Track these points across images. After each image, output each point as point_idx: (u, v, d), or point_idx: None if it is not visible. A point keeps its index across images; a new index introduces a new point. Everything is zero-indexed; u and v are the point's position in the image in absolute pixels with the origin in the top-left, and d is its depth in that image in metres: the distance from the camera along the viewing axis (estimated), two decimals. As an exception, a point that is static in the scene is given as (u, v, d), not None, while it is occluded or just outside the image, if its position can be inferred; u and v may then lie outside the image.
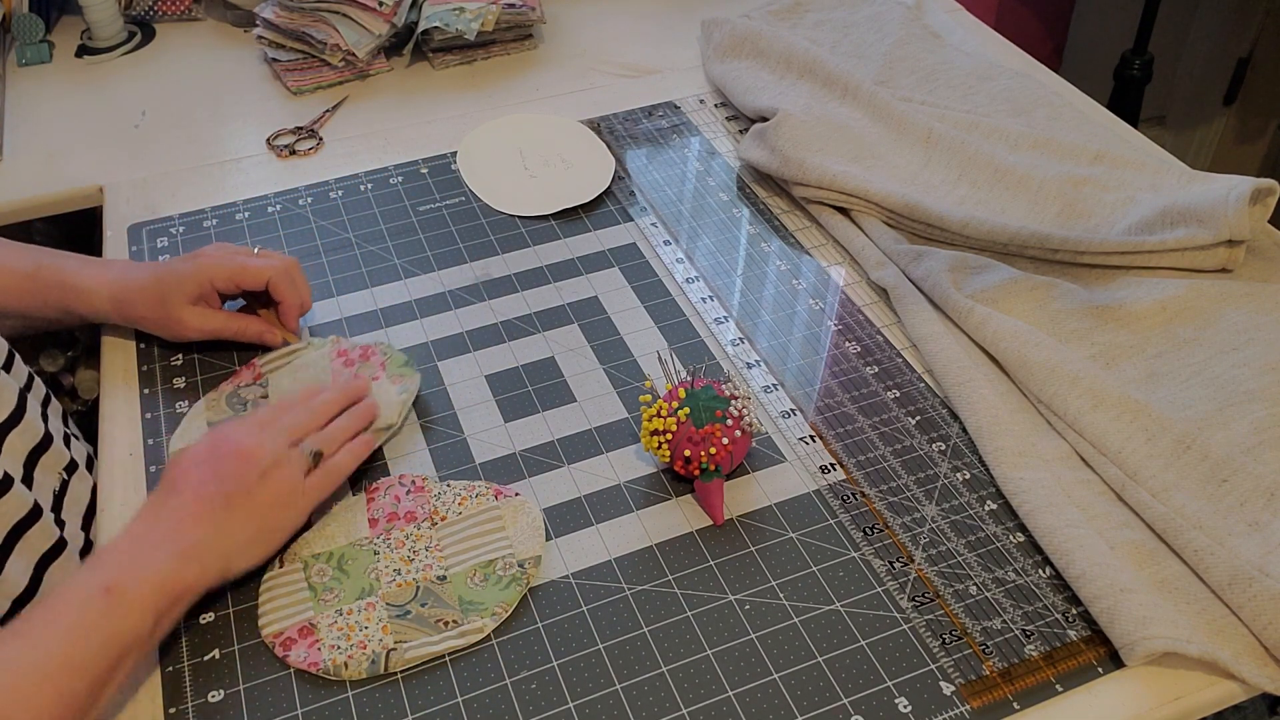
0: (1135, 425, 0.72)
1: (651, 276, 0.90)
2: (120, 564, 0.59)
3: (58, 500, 0.75)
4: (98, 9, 1.17)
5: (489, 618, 0.64)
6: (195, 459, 0.65)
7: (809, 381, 0.80)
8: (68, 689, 0.54)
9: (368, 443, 0.73)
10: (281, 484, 0.66)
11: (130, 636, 0.57)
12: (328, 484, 0.69)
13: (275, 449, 0.67)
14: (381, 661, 0.62)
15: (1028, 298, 0.83)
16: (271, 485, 0.65)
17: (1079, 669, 0.62)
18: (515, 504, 0.71)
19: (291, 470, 0.67)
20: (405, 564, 0.67)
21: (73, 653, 0.55)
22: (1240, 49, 1.98)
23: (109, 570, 0.59)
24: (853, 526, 0.70)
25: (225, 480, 0.64)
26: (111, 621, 0.57)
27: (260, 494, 0.65)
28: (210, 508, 0.63)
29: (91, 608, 0.57)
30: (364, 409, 0.74)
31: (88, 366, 1.13)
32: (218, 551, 0.63)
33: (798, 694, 0.61)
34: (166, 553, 0.60)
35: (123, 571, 0.59)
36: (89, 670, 0.55)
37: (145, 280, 0.79)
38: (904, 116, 0.99)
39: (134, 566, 0.59)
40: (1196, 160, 2.11)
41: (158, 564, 0.60)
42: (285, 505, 0.66)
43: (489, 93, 1.14)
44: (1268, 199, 0.83)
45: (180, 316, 0.79)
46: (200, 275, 0.79)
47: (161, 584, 0.59)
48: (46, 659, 0.54)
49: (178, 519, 0.62)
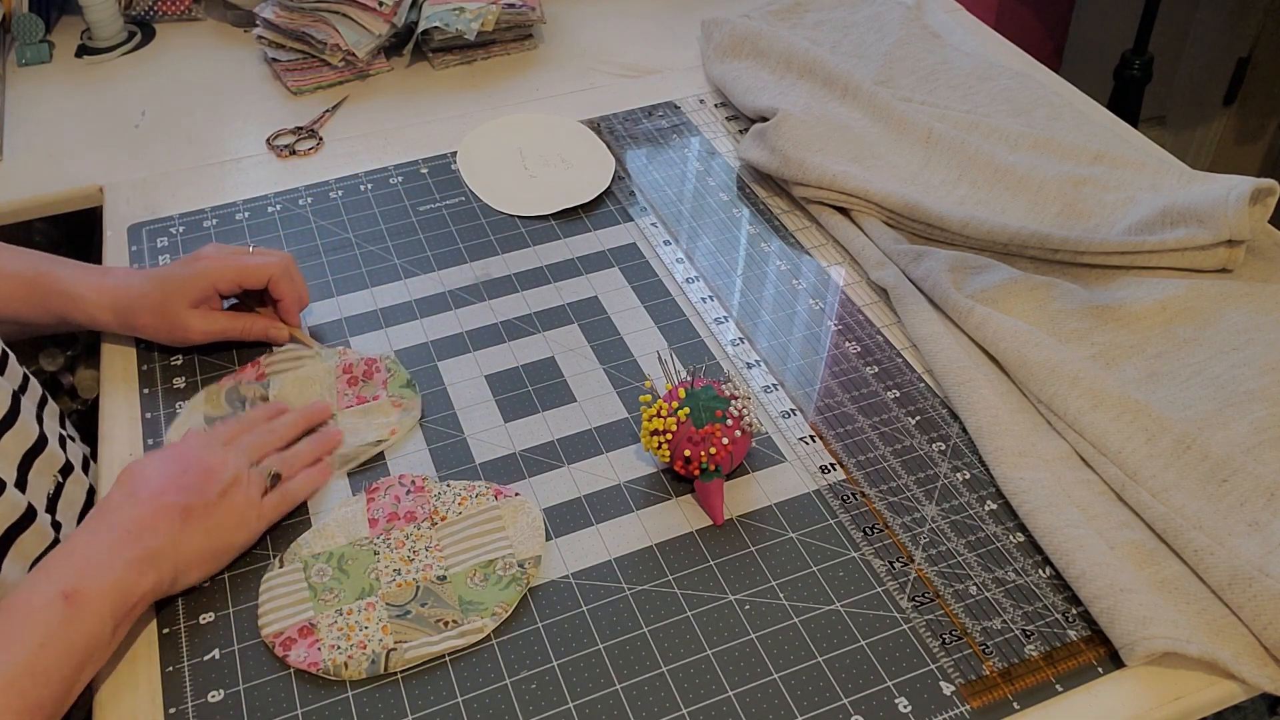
0: (1135, 425, 0.72)
1: (651, 276, 0.90)
2: (77, 569, 0.59)
3: (52, 503, 0.74)
4: (98, 9, 1.17)
5: (489, 618, 0.64)
6: (155, 467, 0.66)
7: (809, 381, 0.80)
8: (33, 697, 0.54)
9: (325, 471, 0.73)
10: (238, 502, 0.66)
11: (91, 643, 0.58)
12: (282, 507, 0.70)
13: (237, 467, 0.67)
14: (381, 661, 0.62)
15: (1028, 298, 0.83)
16: (229, 503, 0.66)
17: (1079, 669, 0.62)
18: (515, 504, 0.71)
19: (249, 490, 0.67)
20: (405, 564, 0.67)
21: (35, 661, 0.55)
22: (1240, 49, 1.98)
23: (66, 576, 0.59)
24: (853, 526, 0.70)
25: (185, 492, 0.64)
26: (72, 628, 0.57)
27: (218, 510, 0.65)
28: (168, 517, 0.63)
29: (52, 615, 0.57)
30: (326, 436, 0.75)
31: (87, 366, 1.13)
32: (172, 561, 0.63)
33: (798, 694, 0.61)
34: (124, 559, 0.60)
35: (81, 577, 0.58)
36: (52, 678, 0.55)
37: (146, 287, 0.79)
38: (904, 116, 0.99)
39: (92, 572, 0.59)
40: (1196, 160, 2.11)
41: (116, 570, 0.60)
42: (240, 525, 0.66)
43: (489, 93, 1.14)
44: (1268, 199, 0.83)
45: (184, 321, 0.79)
46: (202, 279, 0.78)
47: (119, 590, 0.59)
48: (9, 668, 0.54)
49: (135, 525, 0.62)
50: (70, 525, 0.75)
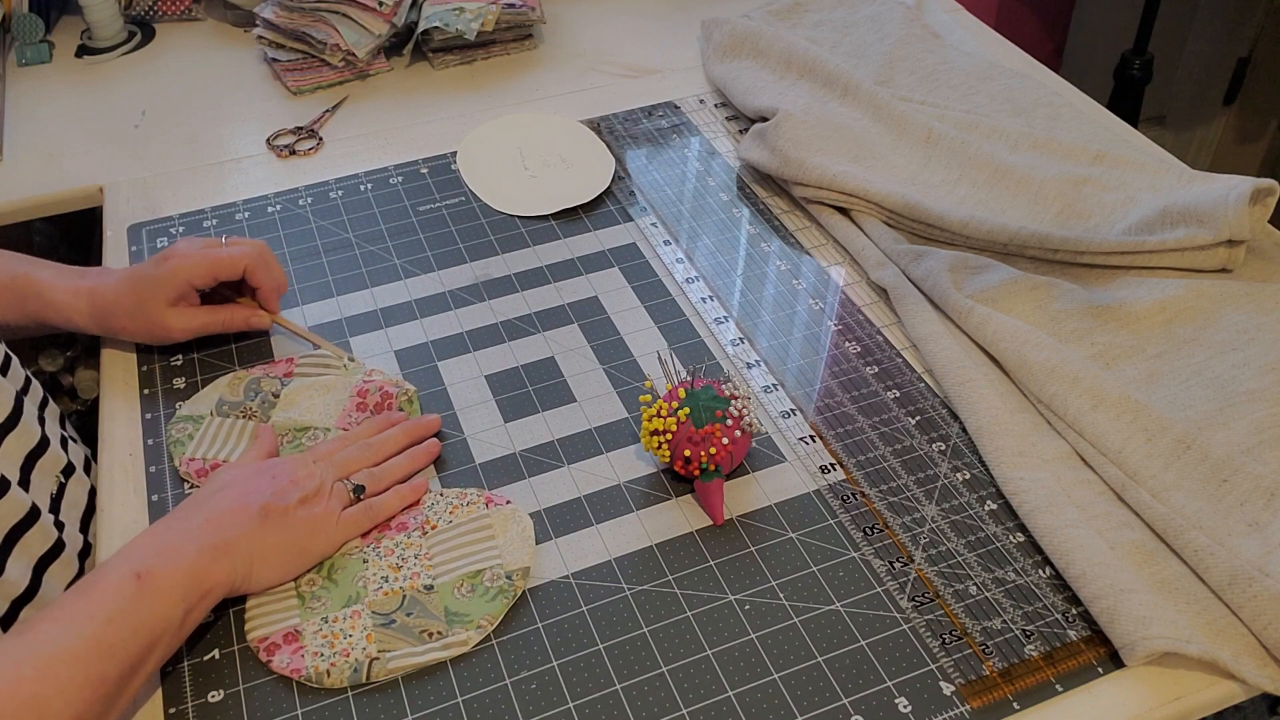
0: (1135, 425, 0.72)
1: (651, 276, 0.90)
2: (152, 552, 0.60)
3: (55, 502, 0.75)
4: (98, 9, 1.17)
5: (474, 630, 0.64)
6: (242, 472, 0.67)
7: (809, 381, 0.80)
8: (98, 673, 0.54)
9: (418, 488, 0.72)
10: (317, 511, 0.67)
11: (160, 624, 0.58)
12: (365, 521, 0.69)
13: (322, 479, 0.68)
14: (364, 670, 0.62)
15: (1028, 298, 0.83)
16: (308, 510, 0.66)
17: (1079, 669, 0.62)
18: (506, 513, 0.70)
19: (331, 501, 0.68)
20: (393, 571, 0.67)
21: (104, 637, 0.55)
22: (1240, 49, 1.98)
23: (141, 558, 0.59)
24: (853, 526, 0.70)
25: (264, 493, 0.65)
26: (142, 608, 0.57)
27: (296, 514, 0.66)
28: (246, 514, 0.64)
29: (123, 594, 0.57)
30: (424, 450, 0.74)
31: (87, 366, 1.13)
32: (246, 555, 0.63)
33: (798, 694, 0.61)
34: (197, 546, 0.61)
35: (154, 559, 0.59)
36: (119, 655, 0.55)
37: (120, 290, 0.78)
38: (904, 116, 0.99)
39: (165, 556, 0.60)
40: (1196, 160, 2.11)
41: (190, 556, 0.60)
42: (317, 531, 0.67)
43: (489, 93, 1.14)
44: (1268, 199, 0.83)
45: (163, 321, 0.78)
46: (176, 277, 0.78)
47: (191, 574, 0.60)
48: (78, 642, 0.54)
49: (213, 516, 0.63)
50: (73, 525, 0.75)
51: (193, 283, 0.79)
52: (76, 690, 0.53)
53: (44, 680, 0.53)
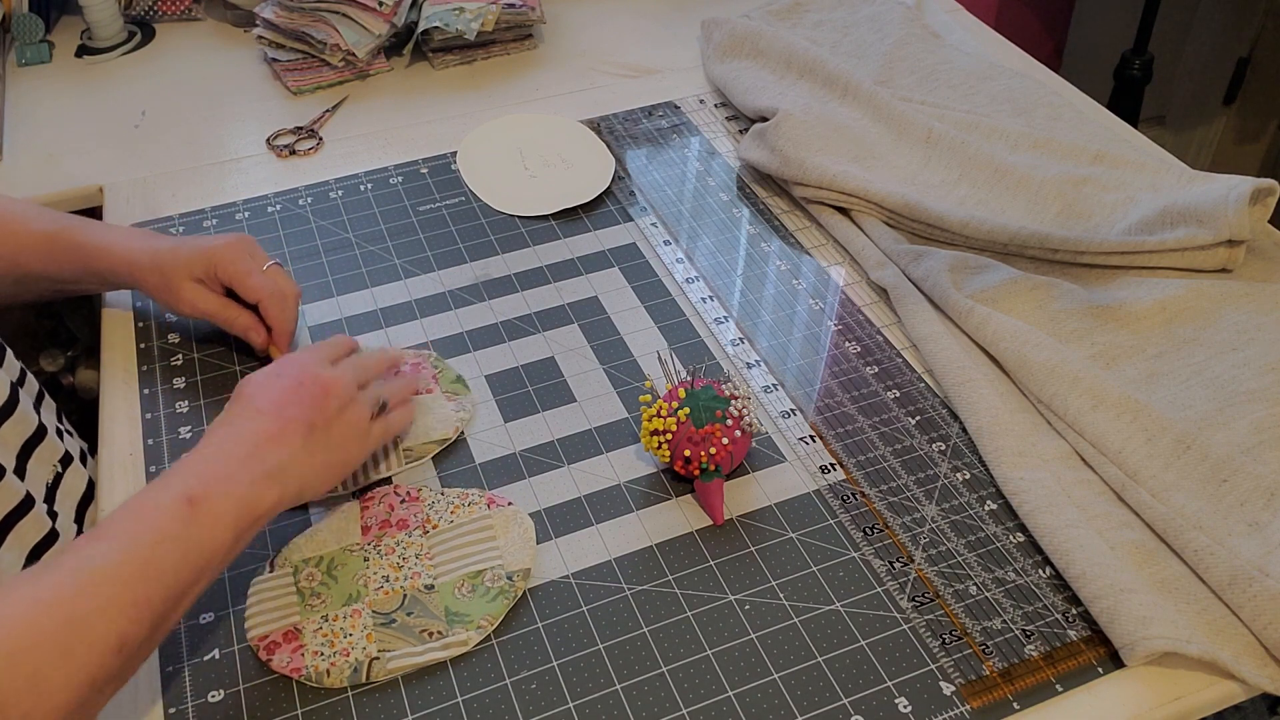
0: (1135, 425, 0.72)
1: (651, 276, 0.90)
2: (203, 476, 0.59)
3: (50, 492, 0.75)
4: (98, 9, 1.17)
5: (474, 630, 0.64)
6: (273, 381, 0.66)
7: (809, 381, 0.80)
8: (143, 594, 0.53)
9: (411, 409, 0.74)
10: (355, 420, 0.67)
11: (209, 550, 0.57)
12: (385, 435, 0.70)
13: (348, 386, 0.67)
14: (363, 670, 0.62)
15: (1028, 298, 0.83)
16: (346, 419, 0.66)
17: (1079, 669, 0.62)
18: (507, 514, 0.70)
19: (363, 410, 0.68)
20: (394, 570, 0.67)
21: (152, 558, 0.54)
22: (1240, 49, 1.98)
23: (191, 481, 0.58)
24: (853, 526, 0.70)
25: (306, 407, 0.64)
26: (192, 532, 0.56)
27: (338, 425, 0.66)
28: (293, 431, 0.63)
29: (174, 517, 0.56)
30: (412, 376, 0.77)
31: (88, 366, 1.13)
32: (296, 476, 0.63)
33: (798, 694, 0.61)
34: (251, 472, 0.60)
35: (206, 484, 0.58)
36: (167, 578, 0.54)
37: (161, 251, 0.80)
38: (904, 116, 0.99)
39: (218, 482, 0.59)
40: (1196, 160, 2.11)
41: (242, 485, 0.59)
42: (356, 440, 0.67)
43: (489, 93, 1.14)
44: (1268, 199, 0.83)
45: (179, 291, 0.79)
46: (207, 262, 0.79)
47: (244, 503, 0.59)
48: (125, 562, 0.53)
49: (260, 439, 0.62)
50: (68, 515, 0.76)
51: (218, 275, 0.79)
52: (120, 610, 0.52)
53: (88, 597, 0.51)
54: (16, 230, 0.79)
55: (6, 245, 0.79)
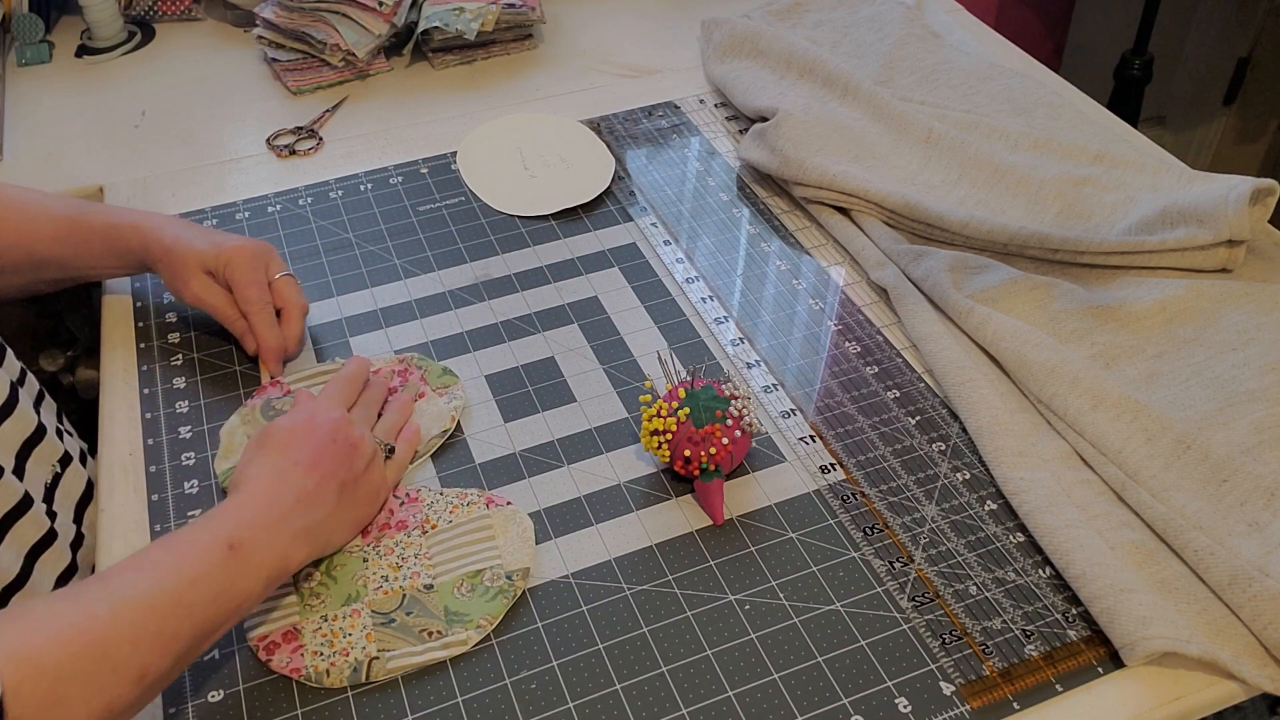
0: (1135, 425, 0.72)
1: (651, 276, 0.90)
2: (247, 524, 0.60)
3: (49, 492, 0.75)
4: (98, 9, 1.17)
5: (473, 629, 0.64)
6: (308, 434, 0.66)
7: (809, 381, 0.80)
8: (172, 628, 0.54)
9: (416, 432, 0.75)
10: (377, 478, 0.69)
11: (241, 595, 0.58)
12: (395, 476, 0.72)
13: (366, 438, 0.69)
14: (363, 670, 0.62)
15: (1028, 298, 0.83)
16: (370, 477, 0.68)
17: (1079, 669, 0.62)
18: (506, 513, 0.70)
19: (379, 465, 0.70)
20: (393, 571, 0.67)
21: (185, 595, 0.55)
22: (1240, 49, 1.98)
23: (237, 529, 0.59)
24: (853, 526, 0.70)
25: (340, 465, 0.66)
26: (228, 576, 0.57)
27: (364, 483, 0.68)
28: (329, 490, 0.65)
29: (213, 558, 0.57)
30: (403, 403, 0.77)
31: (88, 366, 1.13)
32: (325, 534, 0.65)
33: (798, 694, 0.61)
34: (291, 528, 0.62)
35: (252, 533, 0.59)
36: (197, 615, 0.55)
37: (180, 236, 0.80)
38: (904, 116, 0.99)
39: (262, 533, 0.60)
40: (1196, 160, 2.11)
41: (284, 540, 0.61)
42: (376, 498, 0.69)
43: (489, 93, 1.14)
44: (1268, 199, 0.83)
45: (186, 279, 0.80)
46: (219, 259, 0.80)
47: (281, 555, 0.61)
48: (158, 593, 0.54)
49: (302, 495, 0.63)
50: (67, 514, 0.76)
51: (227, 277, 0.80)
52: (148, 641, 0.53)
53: (118, 624, 0.52)
54: (34, 215, 0.80)
55: (23, 232, 0.80)
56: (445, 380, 0.80)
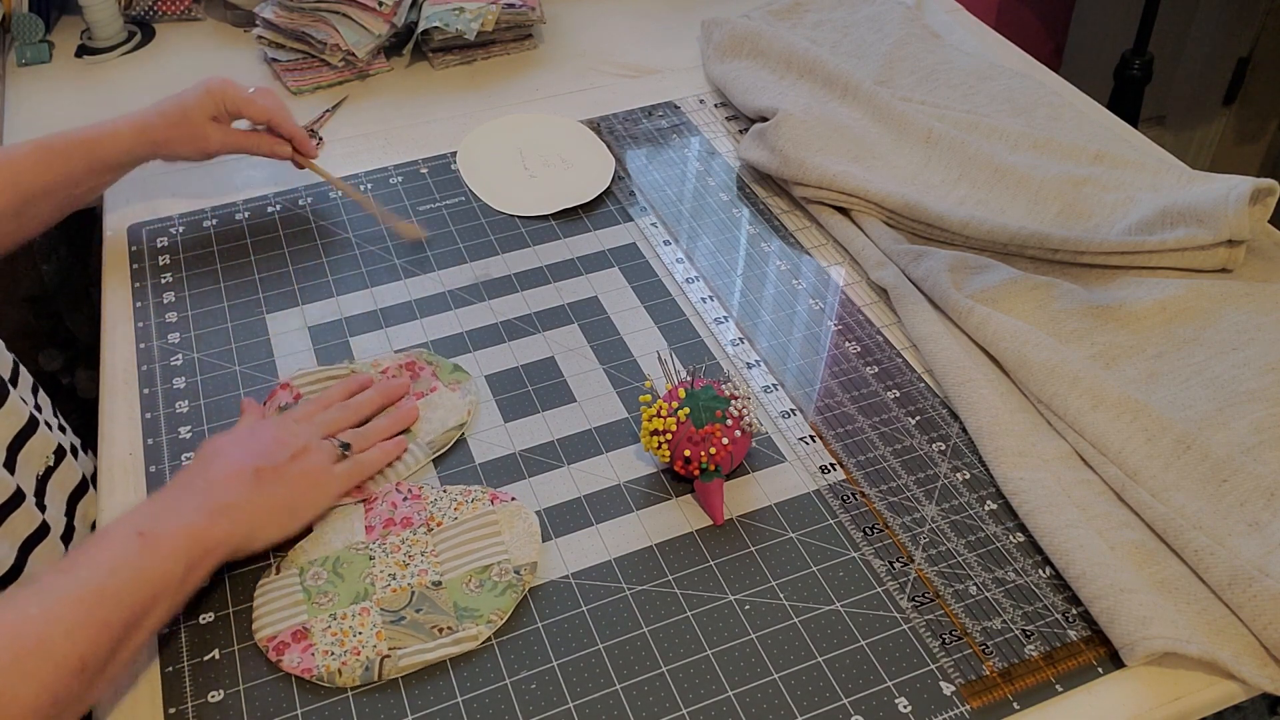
0: (1135, 425, 0.72)
1: (651, 276, 0.90)
2: (153, 514, 0.63)
3: (41, 484, 0.75)
4: (98, 9, 1.17)
5: (484, 624, 0.64)
6: (228, 439, 0.69)
7: (809, 381, 0.80)
8: (101, 617, 0.56)
9: (400, 444, 0.75)
10: (309, 466, 0.69)
11: (162, 578, 0.60)
12: (355, 475, 0.72)
13: (307, 437, 0.71)
14: (375, 669, 0.62)
15: (1028, 298, 0.83)
16: (300, 465, 0.69)
17: (1079, 669, 0.62)
18: (511, 509, 0.70)
19: (320, 456, 0.70)
20: (400, 569, 0.67)
21: (108, 584, 0.57)
22: (1240, 49, 1.98)
23: (142, 520, 0.62)
24: (853, 526, 0.70)
25: (256, 456, 0.67)
26: (144, 560, 0.59)
27: (289, 471, 0.68)
28: (240, 477, 0.66)
29: (127, 549, 0.60)
30: (404, 412, 0.77)
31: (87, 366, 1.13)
32: (246, 513, 0.65)
33: (798, 694, 0.61)
34: (196, 507, 0.63)
35: (156, 520, 0.62)
36: (124, 601, 0.57)
37: (164, 106, 0.87)
38: (904, 116, 0.99)
39: (166, 516, 0.62)
40: (1196, 160, 2.11)
41: (189, 515, 0.63)
42: (312, 485, 0.69)
43: (489, 93, 1.14)
44: (1268, 199, 0.83)
45: (204, 131, 0.88)
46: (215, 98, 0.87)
47: (192, 533, 0.62)
48: (83, 587, 0.57)
49: (215, 478, 0.66)
50: (59, 507, 0.76)
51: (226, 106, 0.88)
52: (81, 630, 0.55)
53: (50, 621, 0.55)
54: (8, 151, 0.83)
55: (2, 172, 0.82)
56: (457, 377, 0.80)
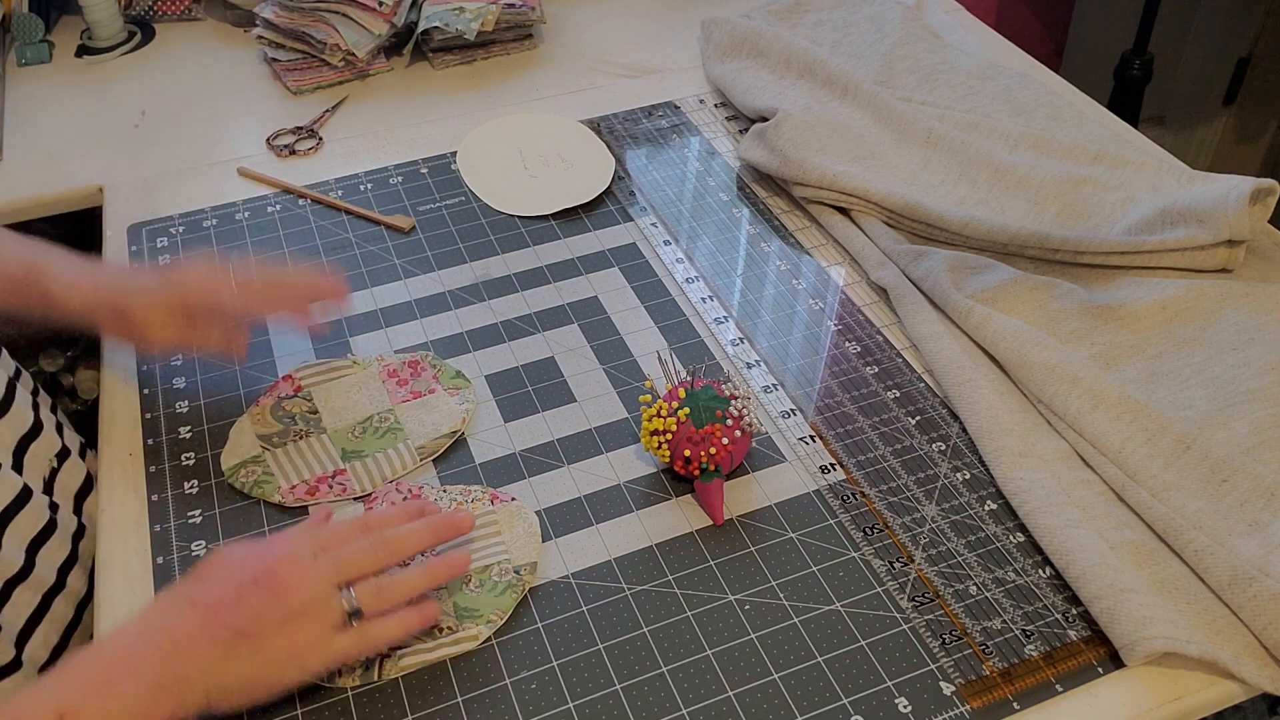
0: (1135, 425, 0.72)
1: (651, 276, 0.90)
2: (85, 686, 0.52)
3: (48, 485, 0.75)
4: (98, 9, 1.17)
5: (484, 624, 0.64)
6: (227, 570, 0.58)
7: (809, 381, 0.80)
8: None
9: (427, 618, 0.62)
10: (299, 637, 0.57)
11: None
12: (355, 651, 0.59)
13: (315, 589, 0.57)
14: (375, 668, 0.62)
15: (1028, 298, 0.83)
16: (288, 635, 0.56)
17: (1079, 669, 0.62)
18: (511, 509, 0.70)
19: (318, 624, 0.57)
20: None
21: None
22: (1240, 49, 1.98)
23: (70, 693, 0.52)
24: (853, 526, 0.70)
25: (243, 613, 0.56)
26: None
27: (274, 640, 0.56)
28: (211, 639, 0.55)
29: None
30: (446, 564, 0.63)
31: (88, 366, 1.13)
32: (202, 689, 0.55)
33: (798, 694, 0.61)
34: (141, 684, 0.53)
35: (85, 697, 0.51)
36: None
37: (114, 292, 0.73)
38: (904, 116, 0.99)
39: (99, 693, 0.52)
40: (1196, 160, 2.11)
41: (127, 695, 0.52)
42: (293, 664, 0.57)
43: (489, 93, 1.14)
44: (1268, 199, 0.83)
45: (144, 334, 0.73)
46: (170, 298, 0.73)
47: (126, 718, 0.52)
48: None
49: (177, 637, 0.55)
50: (67, 506, 0.76)
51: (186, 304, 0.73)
52: None
53: None
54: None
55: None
56: (457, 383, 0.80)
